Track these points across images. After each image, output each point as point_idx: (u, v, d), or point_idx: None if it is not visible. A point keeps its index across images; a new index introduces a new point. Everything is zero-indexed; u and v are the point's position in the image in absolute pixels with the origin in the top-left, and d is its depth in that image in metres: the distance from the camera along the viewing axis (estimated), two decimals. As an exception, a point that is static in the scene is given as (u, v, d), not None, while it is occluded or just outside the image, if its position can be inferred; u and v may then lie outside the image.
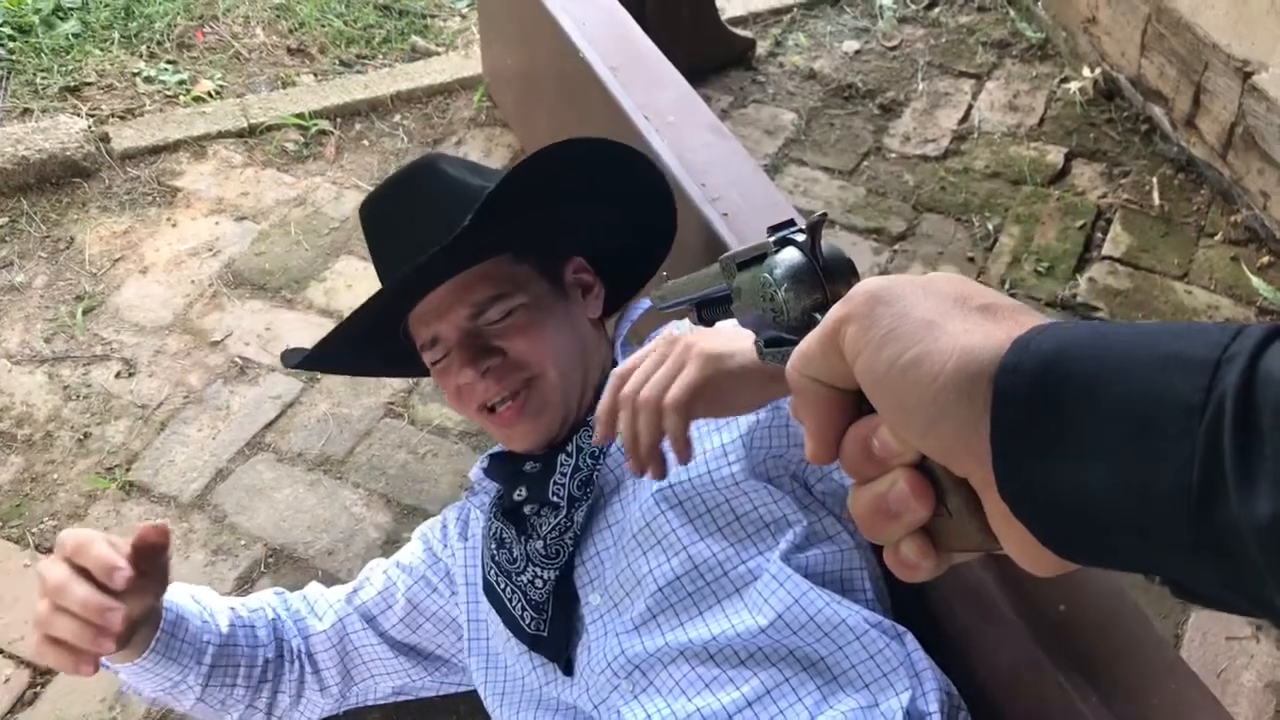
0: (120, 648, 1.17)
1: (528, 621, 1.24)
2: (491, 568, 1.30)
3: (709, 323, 0.79)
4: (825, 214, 0.66)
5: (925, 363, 0.46)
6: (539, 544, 1.24)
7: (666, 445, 1.01)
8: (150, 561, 1.14)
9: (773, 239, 0.66)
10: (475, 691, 1.38)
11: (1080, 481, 0.42)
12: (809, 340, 0.52)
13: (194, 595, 1.35)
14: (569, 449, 1.27)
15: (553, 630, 1.22)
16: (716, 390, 0.98)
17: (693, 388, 0.97)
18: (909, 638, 1.14)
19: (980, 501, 0.48)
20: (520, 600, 1.25)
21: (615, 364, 1.35)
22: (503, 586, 1.28)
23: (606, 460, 1.26)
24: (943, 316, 0.48)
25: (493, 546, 1.31)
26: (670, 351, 1.01)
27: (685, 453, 1.00)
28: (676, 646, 1.13)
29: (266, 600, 1.43)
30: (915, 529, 0.51)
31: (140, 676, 1.26)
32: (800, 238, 0.65)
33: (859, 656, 1.11)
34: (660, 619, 1.16)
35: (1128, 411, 0.41)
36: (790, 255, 0.64)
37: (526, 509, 1.28)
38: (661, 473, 1.02)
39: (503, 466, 1.36)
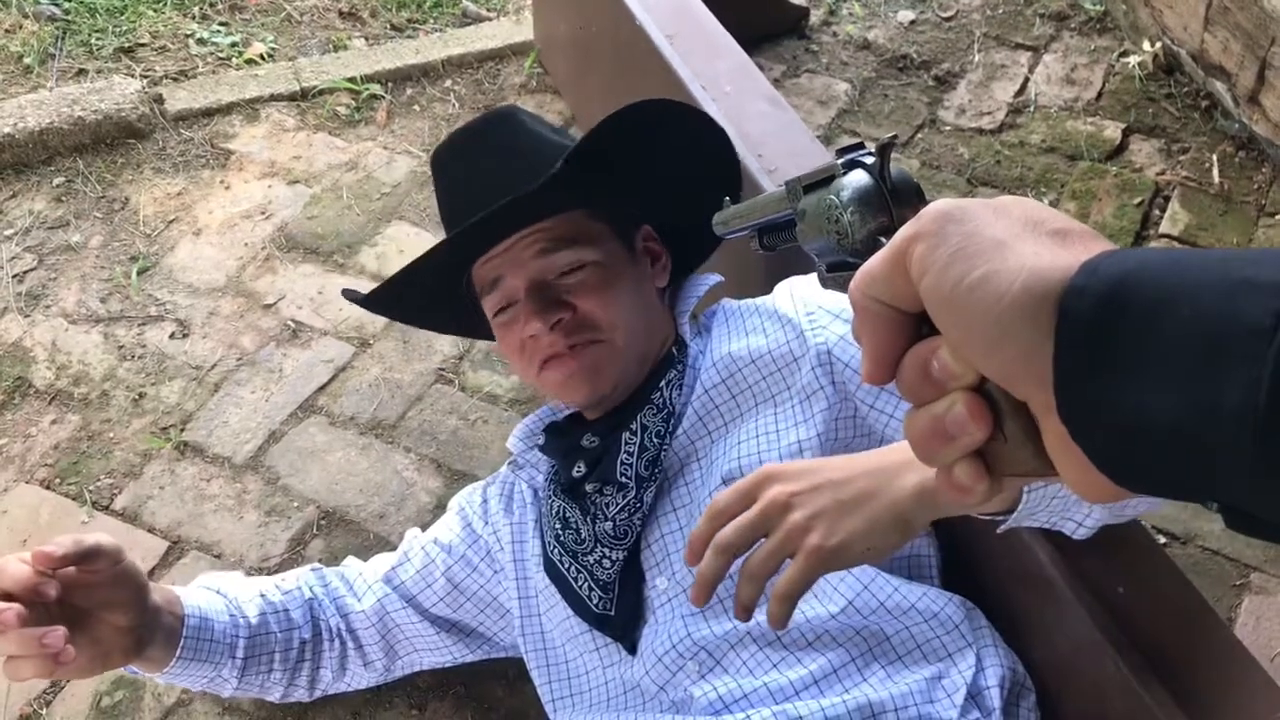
0: (138, 653, 1.15)
1: (595, 601, 1.23)
2: (555, 547, 1.29)
3: (770, 249, 0.77)
4: (895, 135, 0.65)
5: (992, 282, 0.46)
6: (607, 525, 1.23)
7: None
8: (91, 565, 1.07)
9: (840, 161, 0.64)
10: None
11: (1143, 403, 0.42)
12: (875, 259, 0.52)
13: (220, 589, 1.33)
14: (633, 427, 1.24)
15: (619, 609, 1.22)
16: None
17: (802, 584, 0.94)
18: (977, 614, 1.14)
19: (1037, 426, 0.48)
20: (587, 580, 1.24)
21: (678, 339, 1.33)
22: (567, 566, 1.27)
23: (673, 442, 1.25)
24: (1013, 238, 0.47)
25: (557, 526, 1.29)
26: (779, 522, 0.96)
27: (781, 626, 0.96)
28: (743, 629, 1.13)
29: (303, 579, 1.43)
30: (970, 452, 0.50)
31: (175, 679, 1.28)
32: (869, 160, 0.63)
33: (924, 635, 1.11)
34: (727, 603, 1.15)
35: (1196, 334, 0.40)
36: (858, 177, 0.62)
37: (588, 487, 1.26)
38: (747, 618, 0.98)
39: (560, 440, 1.34)
